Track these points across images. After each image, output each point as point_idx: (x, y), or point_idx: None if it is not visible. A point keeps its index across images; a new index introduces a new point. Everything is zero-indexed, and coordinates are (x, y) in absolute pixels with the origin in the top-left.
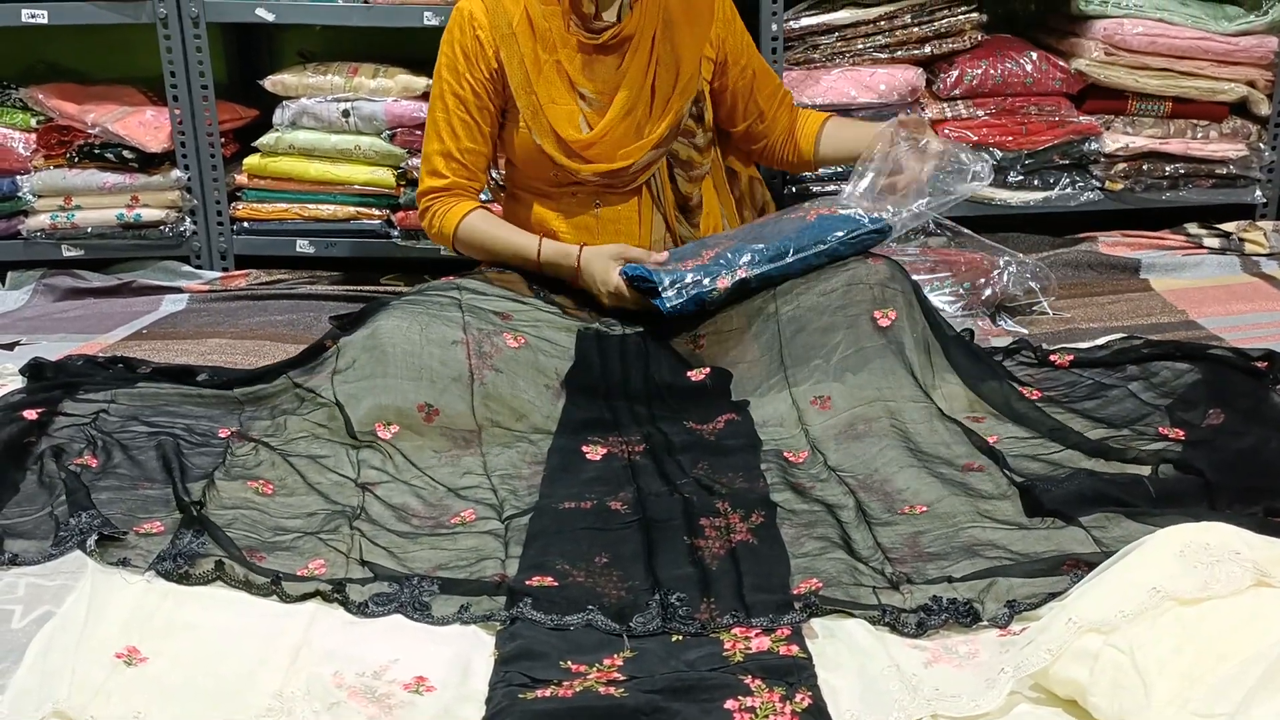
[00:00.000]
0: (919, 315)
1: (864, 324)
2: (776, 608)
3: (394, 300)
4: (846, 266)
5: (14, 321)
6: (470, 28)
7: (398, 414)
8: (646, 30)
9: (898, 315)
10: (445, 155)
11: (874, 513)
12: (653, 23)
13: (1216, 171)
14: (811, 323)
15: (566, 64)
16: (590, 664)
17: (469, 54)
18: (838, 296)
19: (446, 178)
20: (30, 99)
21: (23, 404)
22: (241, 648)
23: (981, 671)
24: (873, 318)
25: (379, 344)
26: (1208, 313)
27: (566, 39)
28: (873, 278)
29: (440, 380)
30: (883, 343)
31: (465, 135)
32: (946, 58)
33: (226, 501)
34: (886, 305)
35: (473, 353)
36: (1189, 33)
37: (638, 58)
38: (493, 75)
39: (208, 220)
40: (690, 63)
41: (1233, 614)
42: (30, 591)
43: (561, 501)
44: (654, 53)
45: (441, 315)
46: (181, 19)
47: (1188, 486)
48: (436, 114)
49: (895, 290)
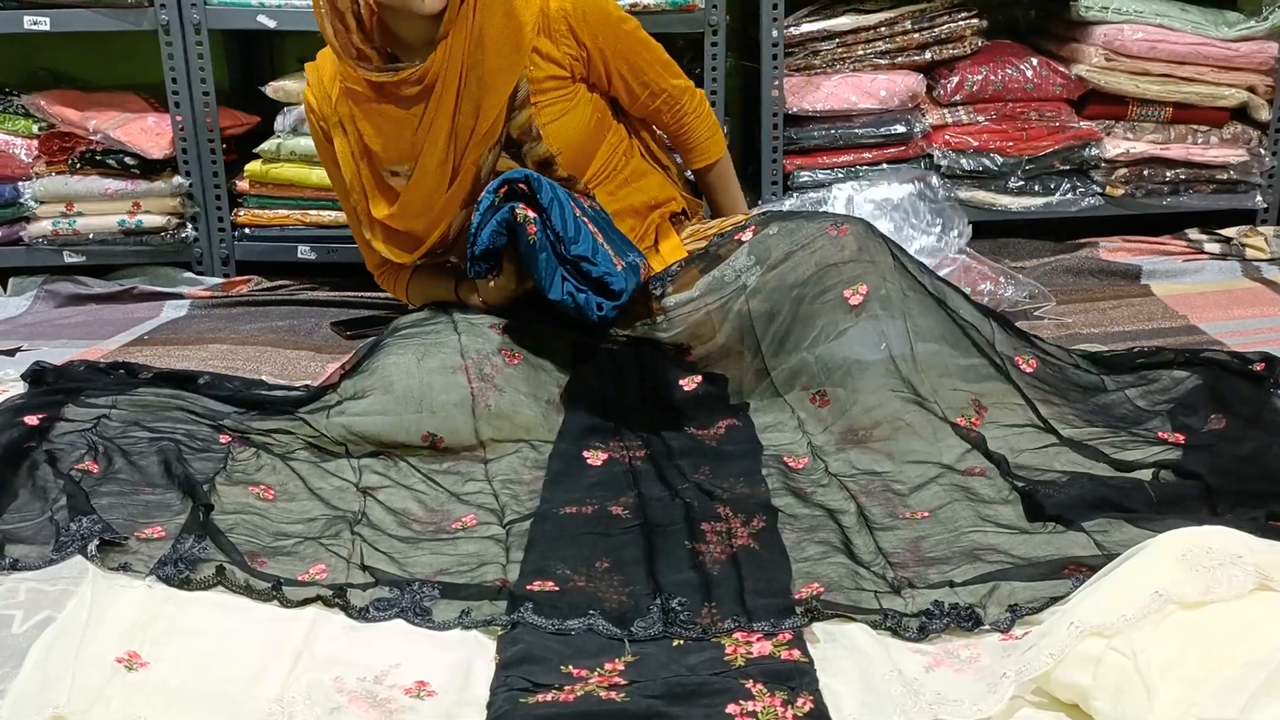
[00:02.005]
0: (894, 281)
1: (837, 306)
2: (778, 612)
3: (390, 337)
4: (813, 249)
5: (15, 327)
6: (315, 120)
7: (406, 451)
8: (450, 67)
9: (869, 290)
10: (365, 243)
11: (875, 517)
12: (457, 60)
13: (1217, 177)
14: (788, 314)
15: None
16: (592, 669)
17: (321, 145)
18: (810, 285)
19: (376, 255)
20: (32, 105)
21: (24, 409)
22: (242, 653)
23: (983, 676)
24: (843, 298)
25: (380, 384)
26: (1209, 318)
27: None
28: (841, 254)
29: (444, 409)
30: (857, 320)
31: (366, 221)
32: (947, 64)
33: (228, 506)
34: (856, 281)
35: (474, 377)
36: (1189, 38)
37: (442, 107)
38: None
39: (209, 226)
40: (497, 99)
41: (1235, 618)
42: (31, 596)
43: (563, 506)
44: (459, 96)
45: (439, 343)
46: (183, 26)
47: (1189, 491)
48: (343, 203)
49: (865, 262)
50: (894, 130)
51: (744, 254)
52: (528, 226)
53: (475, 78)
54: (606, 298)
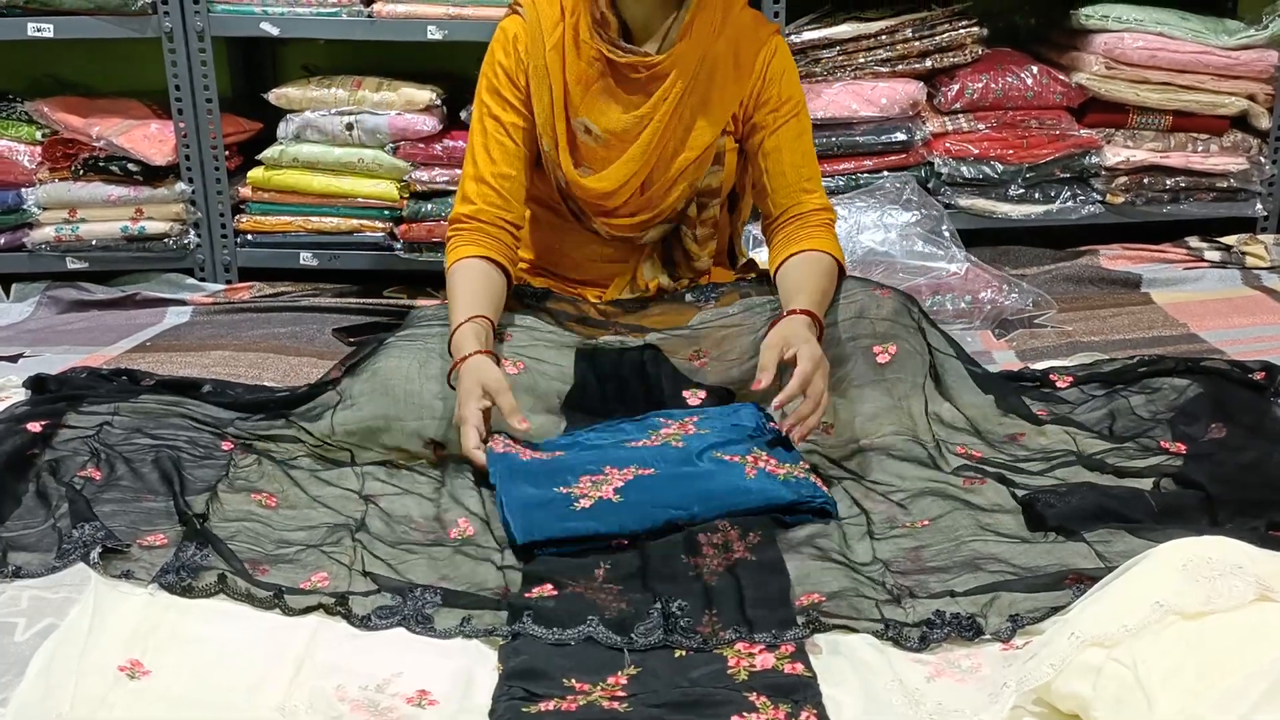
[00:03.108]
0: (924, 349)
1: (865, 359)
2: (779, 623)
3: (390, 339)
4: (854, 299)
5: (18, 334)
6: (513, 48)
7: (408, 457)
8: (681, 74)
9: (898, 350)
10: (478, 180)
11: (876, 526)
12: (689, 70)
13: (1217, 185)
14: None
15: (585, 89)
16: (595, 682)
17: (511, 74)
18: (843, 328)
19: (474, 204)
20: (36, 112)
21: (27, 416)
22: (244, 661)
23: (984, 686)
24: (872, 353)
25: (380, 387)
26: (1209, 326)
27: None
28: (879, 312)
29: (443, 416)
30: (880, 378)
31: (502, 160)
32: (947, 71)
33: (230, 514)
34: (888, 340)
35: None
36: (1189, 47)
37: (659, 106)
38: (527, 100)
39: (211, 233)
40: (713, 130)
41: (1236, 628)
42: (33, 604)
43: None
44: (681, 104)
45: (439, 349)
46: (186, 33)
47: (1189, 500)
48: (474, 138)
49: (900, 325)
50: (895, 138)
51: None
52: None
53: (698, 99)
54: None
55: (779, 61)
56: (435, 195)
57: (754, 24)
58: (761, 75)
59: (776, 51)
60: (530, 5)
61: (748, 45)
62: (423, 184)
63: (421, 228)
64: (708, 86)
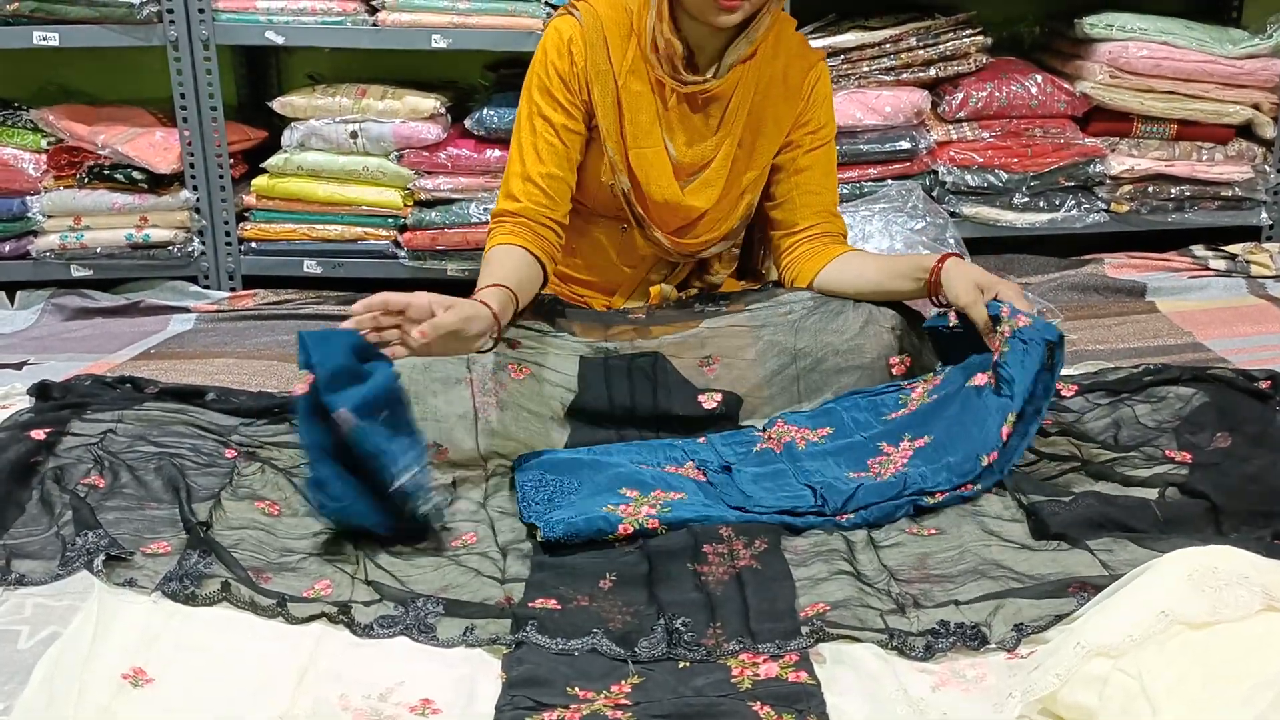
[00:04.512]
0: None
1: (879, 368)
2: (784, 634)
3: None
4: (861, 305)
5: (22, 341)
6: (567, 50)
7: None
8: (742, 97)
9: (913, 363)
10: (524, 178)
11: (880, 535)
12: (749, 91)
13: (1222, 194)
14: (826, 360)
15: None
16: (598, 691)
17: (564, 76)
18: (853, 336)
19: (520, 201)
20: (41, 120)
21: (30, 424)
22: (247, 669)
23: (989, 696)
24: (888, 363)
25: None
26: (1214, 335)
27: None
28: (889, 320)
29: (447, 419)
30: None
31: (550, 160)
32: (952, 80)
33: (233, 522)
34: (904, 352)
35: (477, 390)
36: (1194, 55)
37: (729, 128)
38: (584, 103)
39: (216, 241)
40: (770, 147)
41: (1242, 638)
42: (37, 612)
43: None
44: (743, 125)
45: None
46: (192, 42)
47: (1195, 510)
48: (522, 136)
49: (913, 336)
50: (899, 146)
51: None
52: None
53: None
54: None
55: (822, 86)
56: (440, 203)
57: (801, 47)
58: (808, 97)
59: (821, 76)
60: (589, 11)
61: (797, 66)
62: (427, 192)
63: (426, 236)
64: (763, 105)
